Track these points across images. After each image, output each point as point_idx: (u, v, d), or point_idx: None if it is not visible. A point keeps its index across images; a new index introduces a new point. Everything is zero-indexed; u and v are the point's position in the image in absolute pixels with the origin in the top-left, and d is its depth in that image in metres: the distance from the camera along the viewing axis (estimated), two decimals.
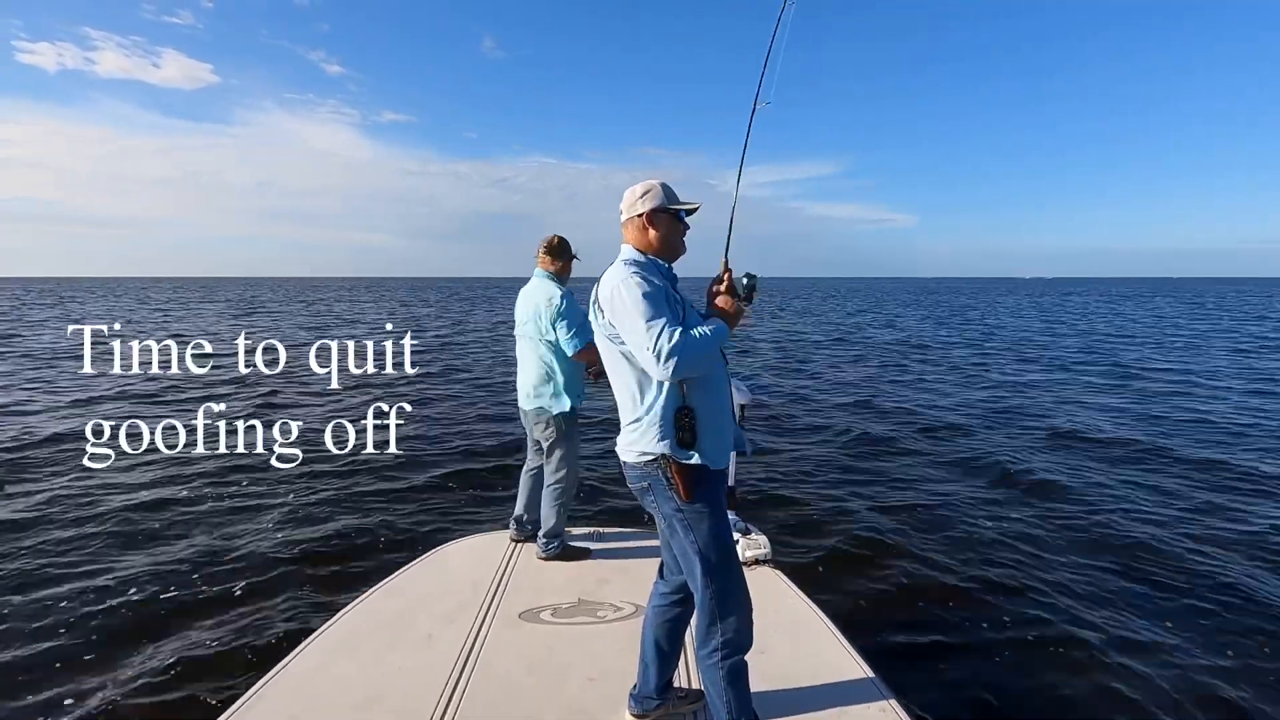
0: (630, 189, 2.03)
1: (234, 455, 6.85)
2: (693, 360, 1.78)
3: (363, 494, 5.71)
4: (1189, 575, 4.19)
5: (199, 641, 3.37)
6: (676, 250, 2.05)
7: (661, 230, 1.99)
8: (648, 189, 1.99)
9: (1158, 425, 8.41)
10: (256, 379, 11.93)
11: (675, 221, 2.02)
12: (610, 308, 1.88)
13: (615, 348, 1.92)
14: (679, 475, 1.88)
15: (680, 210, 2.02)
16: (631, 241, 2.02)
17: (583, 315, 3.13)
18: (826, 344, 19.06)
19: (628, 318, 1.81)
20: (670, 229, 2.01)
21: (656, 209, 1.98)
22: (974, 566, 4.34)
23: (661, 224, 1.99)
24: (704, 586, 1.93)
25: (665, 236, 2.00)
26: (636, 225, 2.00)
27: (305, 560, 4.36)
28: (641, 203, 1.98)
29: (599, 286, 1.96)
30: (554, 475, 3.36)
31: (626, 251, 2.01)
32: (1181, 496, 5.68)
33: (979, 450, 7.22)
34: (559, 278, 3.31)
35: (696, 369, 1.83)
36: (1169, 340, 19.64)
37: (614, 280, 1.87)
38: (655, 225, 1.98)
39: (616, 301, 1.84)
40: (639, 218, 1.99)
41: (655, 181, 2.02)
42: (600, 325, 1.95)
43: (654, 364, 1.77)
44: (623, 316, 1.83)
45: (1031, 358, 15.59)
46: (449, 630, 2.75)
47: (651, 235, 1.99)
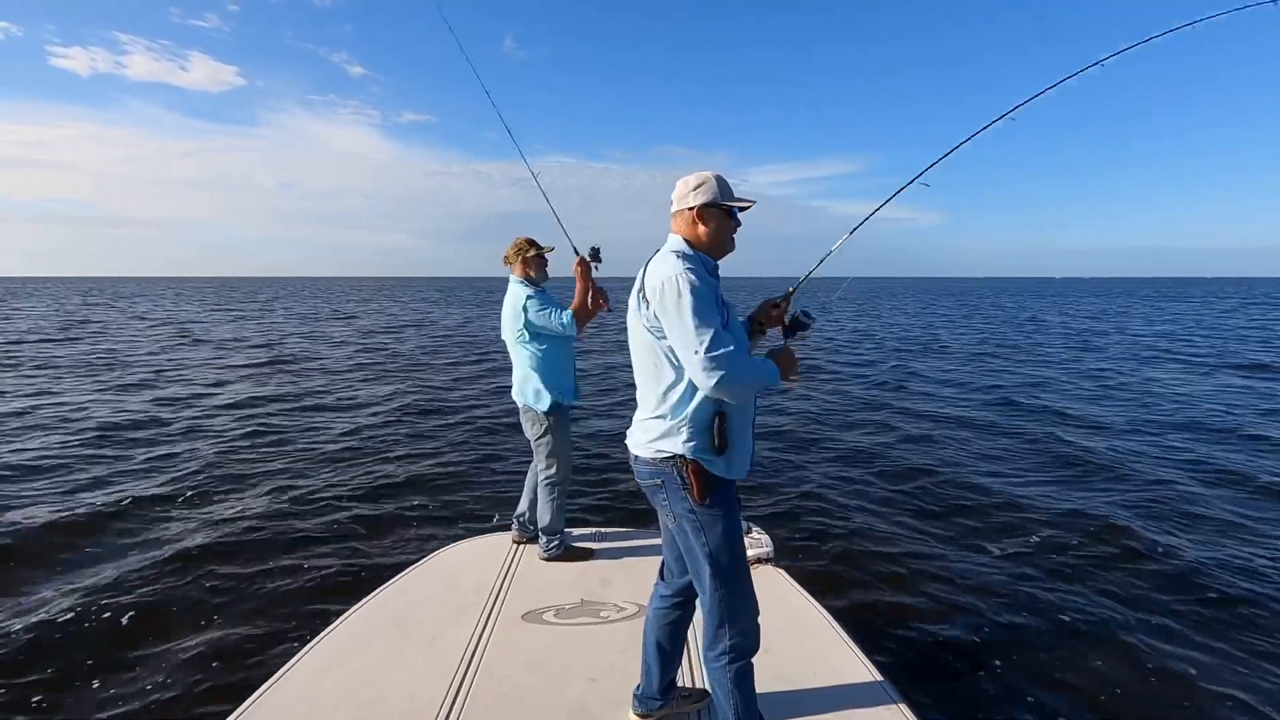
0: (684, 179, 1.94)
1: (235, 455, 6.85)
2: (736, 383, 1.74)
3: (365, 496, 5.71)
4: (1234, 585, 4.01)
5: (202, 646, 3.37)
6: (726, 248, 1.96)
7: (712, 226, 1.91)
8: (701, 181, 1.90)
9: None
10: (269, 376, 11.95)
11: (727, 218, 1.93)
12: (658, 300, 1.79)
13: (655, 341, 1.86)
14: (695, 477, 1.84)
15: (734, 207, 1.93)
16: (681, 233, 1.93)
17: (551, 300, 3.32)
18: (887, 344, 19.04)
19: (678, 316, 1.75)
20: (721, 225, 1.92)
21: (709, 204, 1.89)
22: (985, 569, 4.30)
23: (713, 219, 1.90)
24: (712, 590, 1.90)
25: (715, 232, 1.91)
26: (686, 218, 1.92)
27: (308, 562, 4.36)
28: (694, 195, 1.90)
29: (645, 275, 1.89)
30: (545, 470, 3.40)
31: (675, 243, 1.92)
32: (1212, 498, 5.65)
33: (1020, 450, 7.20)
34: (526, 279, 3.39)
35: (735, 393, 1.79)
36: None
37: (666, 273, 1.79)
38: (706, 220, 1.90)
39: (667, 296, 1.77)
40: (689, 211, 1.90)
41: (710, 174, 1.92)
42: (642, 315, 1.86)
43: (698, 370, 1.72)
44: (673, 313, 1.76)
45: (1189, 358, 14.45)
46: (452, 632, 2.75)
47: (701, 230, 1.90)
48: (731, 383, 1.73)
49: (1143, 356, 15.24)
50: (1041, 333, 21.80)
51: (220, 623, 3.60)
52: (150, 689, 3.02)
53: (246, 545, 4.62)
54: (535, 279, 3.39)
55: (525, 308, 3.26)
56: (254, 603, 3.82)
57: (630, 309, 1.95)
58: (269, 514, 5.23)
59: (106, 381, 11.50)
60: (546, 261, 3.42)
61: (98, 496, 5.57)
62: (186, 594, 3.92)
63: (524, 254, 3.36)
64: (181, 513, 5.26)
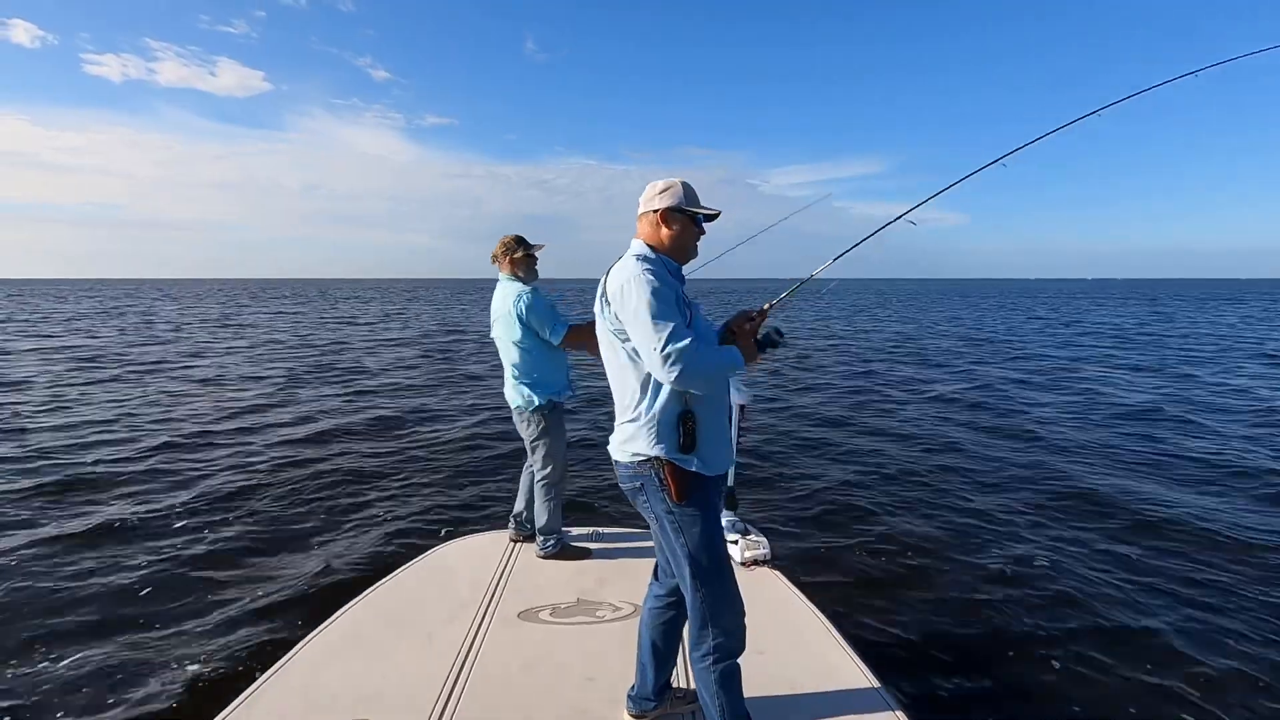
0: (652, 183, 1.99)
1: (235, 458, 6.85)
2: (698, 374, 1.76)
3: (362, 492, 5.71)
4: (1242, 585, 3.99)
5: (196, 641, 3.38)
6: (687, 253, 2.00)
7: (675, 230, 1.94)
8: (668, 186, 1.94)
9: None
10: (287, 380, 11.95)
11: (690, 224, 1.96)
12: (619, 302, 1.84)
13: (619, 343, 1.90)
14: (672, 477, 1.86)
15: (698, 214, 1.97)
16: (644, 237, 1.97)
17: (548, 304, 3.26)
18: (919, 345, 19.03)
19: (636, 315, 1.78)
20: (684, 230, 1.96)
21: (672, 208, 1.93)
22: (984, 574, 4.28)
23: (675, 223, 1.94)
24: (694, 589, 1.92)
25: (677, 236, 1.95)
26: (650, 221, 1.95)
27: (304, 559, 4.36)
28: (659, 199, 1.94)
29: (607, 279, 1.93)
30: (540, 470, 3.38)
31: (637, 246, 1.96)
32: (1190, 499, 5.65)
33: (1003, 454, 7.20)
34: (517, 276, 3.34)
35: (699, 384, 1.81)
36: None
37: (624, 275, 1.83)
38: (669, 224, 1.93)
39: (626, 297, 1.81)
40: (654, 213, 1.94)
41: (678, 180, 1.96)
42: (605, 319, 1.91)
43: (659, 366, 1.75)
44: (631, 313, 1.80)
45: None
46: (448, 629, 2.75)
47: (664, 233, 1.94)
48: (693, 375, 1.75)
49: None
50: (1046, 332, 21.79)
51: (214, 619, 3.60)
52: (145, 685, 3.02)
53: (241, 541, 4.62)
54: (524, 278, 3.34)
55: (520, 304, 3.20)
56: (248, 599, 3.82)
57: (596, 314, 1.98)
58: (264, 510, 5.23)
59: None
60: (536, 260, 3.39)
61: (98, 495, 5.57)
62: (181, 590, 3.92)
63: (512, 253, 3.33)
64: (179, 509, 5.25)
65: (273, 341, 18.30)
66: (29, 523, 4.89)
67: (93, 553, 4.41)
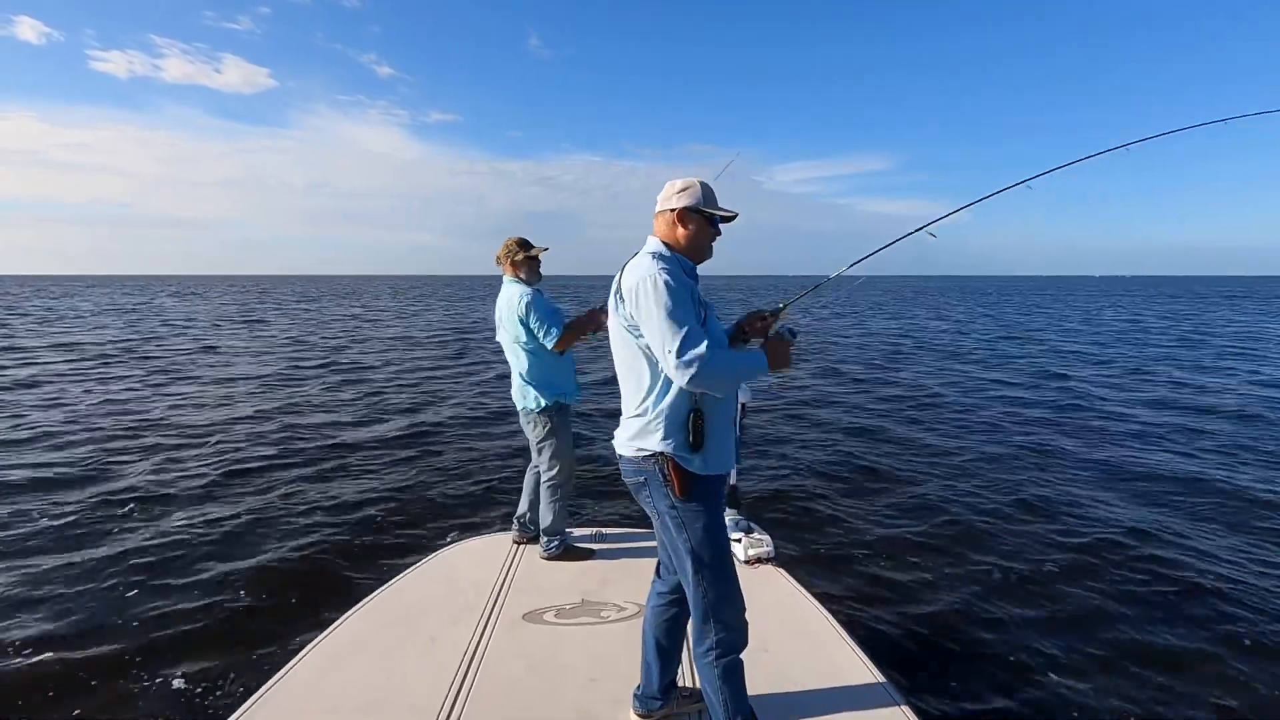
0: (671, 182, 1.99)
1: (234, 458, 6.85)
2: (712, 376, 1.76)
3: (365, 497, 5.70)
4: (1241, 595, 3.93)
5: (201, 647, 3.37)
6: (703, 253, 2.00)
7: (691, 230, 1.94)
8: (687, 185, 1.95)
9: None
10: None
11: (707, 225, 1.97)
12: (633, 299, 1.84)
13: (632, 340, 1.90)
14: (676, 473, 1.87)
15: (715, 215, 1.98)
16: (660, 235, 1.98)
17: (549, 308, 3.26)
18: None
19: (651, 313, 1.78)
20: (700, 231, 1.96)
21: (689, 208, 1.93)
22: (989, 571, 4.27)
23: (692, 223, 1.94)
24: (695, 585, 1.92)
25: (693, 236, 1.95)
26: (667, 220, 1.96)
27: (308, 564, 4.36)
28: (677, 198, 1.94)
29: (622, 275, 1.93)
30: (547, 471, 3.38)
31: (653, 244, 1.97)
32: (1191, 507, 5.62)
33: (1005, 454, 7.19)
34: (520, 278, 3.35)
35: (714, 387, 1.81)
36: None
37: (640, 273, 1.83)
38: (686, 224, 1.94)
39: (641, 295, 1.81)
40: (671, 213, 1.95)
41: (696, 180, 1.97)
42: (619, 315, 1.91)
43: (673, 365, 1.75)
44: (646, 311, 1.80)
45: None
46: (452, 632, 2.74)
47: (680, 233, 1.95)
48: (706, 377, 1.75)
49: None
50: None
51: (220, 624, 3.60)
52: (149, 690, 3.02)
53: (245, 545, 4.62)
54: (527, 280, 3.35)
55: (522, 306, 3.22)
56: (253, 604, 3.82)
57: (609, 309, 1.99)
58: (268, 514, 5.23)
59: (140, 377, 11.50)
60: (539, 262, 3.39)
61: (99, 494, 5.57)
62: (185, 594, 3.92)
63: (514, 256, 3.33)
64: (179, 508, 5.26)
65: (273, 339, 18.32)
66: (29, 520, 4.89)
67: (92, 552, 4.41)
